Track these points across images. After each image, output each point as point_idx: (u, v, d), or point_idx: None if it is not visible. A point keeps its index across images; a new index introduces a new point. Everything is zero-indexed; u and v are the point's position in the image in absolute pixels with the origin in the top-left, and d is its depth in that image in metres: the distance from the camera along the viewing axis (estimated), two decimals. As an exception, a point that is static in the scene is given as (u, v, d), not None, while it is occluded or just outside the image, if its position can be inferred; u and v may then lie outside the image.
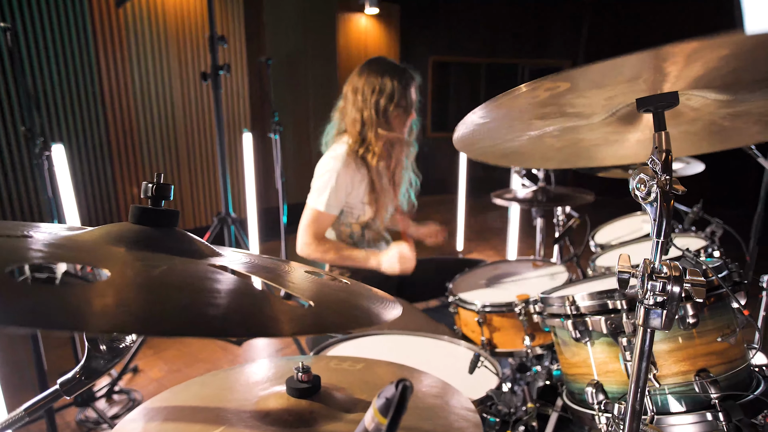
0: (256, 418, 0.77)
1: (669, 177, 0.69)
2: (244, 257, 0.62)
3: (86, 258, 0.42)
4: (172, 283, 0.39)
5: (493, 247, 5.37)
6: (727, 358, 0.99)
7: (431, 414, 0.81)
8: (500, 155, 1.01)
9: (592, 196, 2.25)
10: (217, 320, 0.36)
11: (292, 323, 0.37)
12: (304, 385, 0.79)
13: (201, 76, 2.77)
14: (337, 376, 0.93)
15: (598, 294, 1.05)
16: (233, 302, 0.38)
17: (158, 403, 0.84)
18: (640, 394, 0.73)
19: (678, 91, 0.74)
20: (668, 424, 0.96)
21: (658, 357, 0.98)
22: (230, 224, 2.97)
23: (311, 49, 6.29)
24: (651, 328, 0.70)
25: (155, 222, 0.52)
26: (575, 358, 1.14)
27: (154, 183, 0.52)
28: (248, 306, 0.38)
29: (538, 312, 1.24)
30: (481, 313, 1.58)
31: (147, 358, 3.02)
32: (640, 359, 0.72)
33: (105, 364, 0.49)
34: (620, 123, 0.89)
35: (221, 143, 2.88)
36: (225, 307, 0.38)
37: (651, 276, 0.68)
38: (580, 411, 1.11)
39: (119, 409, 2.48)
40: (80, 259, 0.42)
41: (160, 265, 0.42)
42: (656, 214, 0.70)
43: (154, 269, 0.40)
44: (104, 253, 0.44)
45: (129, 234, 0.48)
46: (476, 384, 1.24)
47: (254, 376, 0.95)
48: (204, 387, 0.91)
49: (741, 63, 0.63)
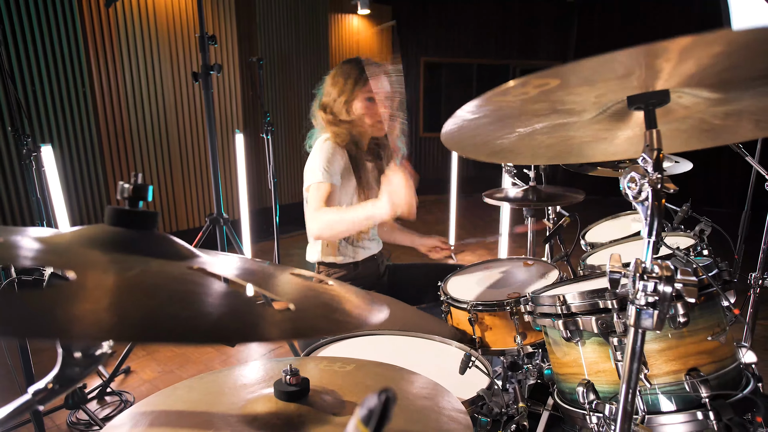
0: (244, 423, 0.76)
1: (660, 175, 0.68)
2: (228, 260, 0.60)
3: (58, 261, 0.40)
4: (148, 286, 0.37)
5: (485, 246, 5.38)
6: (717, 357, 0.99)
7: (422, 416, 0.80)
8: (490, 152, 1.00)
9: (582, 195, 2.25)
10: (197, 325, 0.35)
11: (273, 328, 0.36)
12: (292, 388, 0.78)
13: (192, 76, 2.75)
14: (326, 378, 0.92)
15: (589, 293, 1.05)
16: (212, 306, 0.37)
17: (145, 407, 0.83)
18: (632, 395, 0.73)
19: (669, 89, 0.73)
20: (659, 424, 0.96)
21: (648, 356, 0.98)
22: (222, 225, 2.95)
23: (303, 49, 6.28)
24: (642, 328, 0.69)
25: (132, 224, 0.50)
26: (566, 358, 1.13)
27: (131, 183, 0.50)
28: (228, 310, 0.37)
29: (529, 311, 1.24)
30: (473, 311, 1.57)
31: (139, 359, 2.99)
32: (631, 359, 0.72)
33: (80, 371, 0.47)
34: (611, 120, 0.89)
35: (213, 144, 2.85)
36: (204, 311, 0.37)
37: (642, 276, 0.67)
38: (571, 410, 1.11)
39: (111, 410, 2.45)
40: (52, 261, 0.40)
41: (135, 267, 0.40)
42: (647, 213, 0.69)
43: (127, 272, 0.38)
44: (77, 256, 0.42)
45: (104, 236, 0.47)
46: (467, 383, 1.23)
47: (242, 379, 0.94)
48: (191, 391, 0.89)
49: (733, 61, 0.62)
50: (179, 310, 0.34)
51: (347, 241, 2.00)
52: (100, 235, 0.47)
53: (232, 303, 0.38)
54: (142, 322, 0.32)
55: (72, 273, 0.35)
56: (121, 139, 4.60)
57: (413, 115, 8.37)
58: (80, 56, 4.23)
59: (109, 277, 0.39)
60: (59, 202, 2.57)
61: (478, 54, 8.51)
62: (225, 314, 0.36)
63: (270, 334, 0.35)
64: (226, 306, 0.38)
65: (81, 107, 4.30)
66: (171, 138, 4.97)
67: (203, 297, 0.39)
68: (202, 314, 0.35)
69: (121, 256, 0.44)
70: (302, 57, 6.28)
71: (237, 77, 5.40)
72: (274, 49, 5.91)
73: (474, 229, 6.12)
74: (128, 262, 0.43)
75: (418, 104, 8.46)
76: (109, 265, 0.41)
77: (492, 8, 8.31)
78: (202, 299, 0.39)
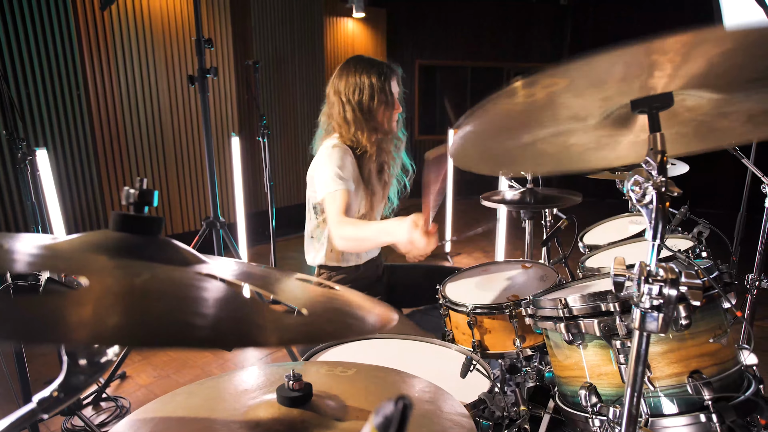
0: (246, 429, 0.75)
1: (664, 179, 0.68)
2: (233, 265, 0.60)
3: (64, 266, 0.40)
4: (155, 292, 0.37)
5: (481, 249, 5.38)
6: (719, 359, 0.99)
7: (425, 420, 0.80)
8: (491, 165, 1.00)
9: (580, 197, 2.26)
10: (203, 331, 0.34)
11: (283, 333, 0.36)
12: (295, 393, 0.77)
13: (188, 80, 2.74)
14: (328, 383, 0.91)
15: (591, 296, 1.05)
16: (221, 311, 0.36)
17: (144, 414, 0.82)
18: (637, 399, 0.73)
19: (672, 92, 0.73)
20: (662, 426, 0.96)
21: (651, 359, 0.98)
22: (219, 229, 2.94)
23: (298, 52, 6.27)
24: (647, 331, 0.69)
25: (138, 229, 0.49)
26: (568, 361, 1.13)
27: (137, 188, 0.50)
28: (237, 315, 0.37)
29: (530, 315, 1.24)
30: (472, 314, 1.57)
31: (135, 364, 2.97)
32: (636, 362, 0.72)
33: (85, 379, 0.46)
34: (613, 126, 0.89)
35: (209, 147, 2.85)
36: (213, 316, 0.36)
37: (647, 279, 0.67)
38: (573, 413, 1.11)
39: (107, 416, 2.43)
40: (58, 267, 0.40)
41: (143, 273, 0.40)
42: (652, 216, 0.69)
43: (136, 278, 0.38)
44: (83, 262, 0.42)
45: (110, 242, 0.46)
46: (467, 387, 1.23)
47: (243, 385, 0.93)
48: (191, 397, 0.88)
49: (737, 60, 0.62)
50: (192, 316, 0.34)
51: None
52: (106, 241, 0.46)
53: (246, 308, 0.38)
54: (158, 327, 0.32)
55: (84, 279, 0.35)
56: (116, 142, 4.57)
57: (409, 118, 8.40)
58: (75, 59, 4.20)
59: (118, 282, 0.38)
60: (54, 206, 2.55)
61: (472, 57, 8.55)
62: (239, 319, 0.35)
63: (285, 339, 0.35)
64: (239, 311, 0.37)
65: (75, 110, 4.27)
66: (166, 141, 4.95)
67: (216, 302, 0.39)
68: (218, 320, 0.35)
69: (128, 262, 0.44)
70: (297, 60, 6.28)
71: (232, 80, 5.38)
72: (269, 52, 5.91)
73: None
74: (135, 267, 0.42)
75: (413, 107, 8.48)
76: (115, 271, 0.41)
77: (486, 11, 8.35)
78: (215, 304, 0.38)
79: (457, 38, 8.41)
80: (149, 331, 0.31)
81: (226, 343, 0.32)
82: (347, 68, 1.92)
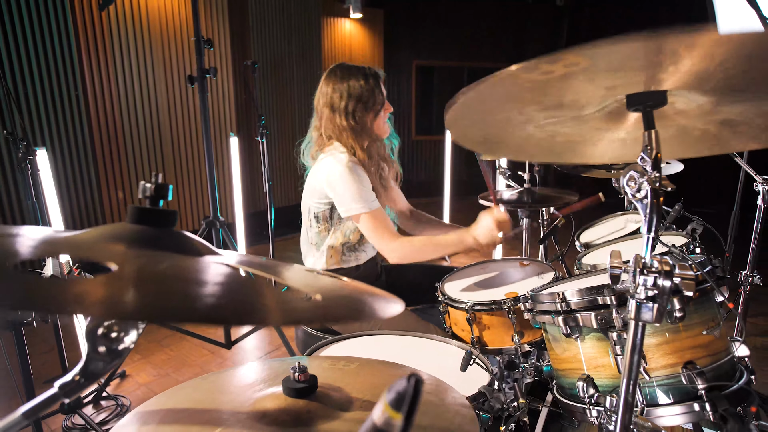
0: (254, 419, 0.77)
1: (658, 174, 0.71)
2: (244, 257, 0.62)
3: (89, 254, 0.42)
4: (180, 276, 0.39)
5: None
6: (712, 350, 1.01)
7: (428, 410, 0.82)
8: (478, 139, 1.00)
9: (576, 196, 2.29)
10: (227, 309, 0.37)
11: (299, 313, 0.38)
12: (301, 384, 0.80)
13: (187, 80, 2.75)
14: (332, 376, 0.93)
15: (588, 290, 1.07)
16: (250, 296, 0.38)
17: (150, 407, 0.84)
18: (632, 386, 0.75)
19: (667, 91, 0.76)
20: (657, 416, 0.98)
21: (646, 350, 1.00)
22: (218, 228, 2.95)
23: (296, 52, 6.29)
24: (642, 321, 0.71)
25: (154, 222, 0.51)
26: (565, 354, 1.16)
27: (153, 182, 0.52)
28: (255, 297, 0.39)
29: (529, 309, 1.26)
30: (471, 311, 1.59)
31: (134, 363, 2.98)
32: (632, 352, 0.74)
33: (104, 366, 0.48)
34: (602, 120, 0.90)
35: (208, 147, 2.86)
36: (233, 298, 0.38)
37: (642, 271, 0.69)
38: (571, 405, 1.13)
39: (107, 415, 2.44)
40: (83, 254, 0.42)
41: (164, 260, 0.42)
42: (647, 210, 0.72)
43: (158, 264, 0.40)
44: (106, 250, 0.44)
45: (128, 233, 0.48)
46: (467, 381, 1.25)
47: (246, 379, 0.95)
48: (196, 390, 0.90)
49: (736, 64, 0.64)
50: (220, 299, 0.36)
51: (350, 249, 1.99)
52: (124, 233, 0.48)
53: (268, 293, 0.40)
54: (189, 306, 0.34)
55: (113, 264, 0.37)
56: (114, 142, 4.58)
57: (406, 119, 8.42)
58: (73, 59, 4.21)
59: (143, 268, 0.40)
60: (53, 205, 2.56)
61: (468, 58, 8.57)
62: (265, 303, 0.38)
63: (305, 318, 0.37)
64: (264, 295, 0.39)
65: (74, 110, 4.28)
66: (164, 141, 4.95)
67: (240, 287, 0.41)
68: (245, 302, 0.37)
69: (146, 252, 0.46)
70: (295, 60, 6.29)
71: (230, 80, 5.40)
72: (267, 53, 5.92)
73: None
74: (155, 256, 0.44)
75: (410, 108, 8.50)
76: (137, 259, 0.43)
77: (484, 12, 8.38)
78: (240, 289, 0.40)
79: (455, 39, 8.43)
80: (173, 309, 0.34)
81: (252, 319, 0.34)
82: (333, 77, 1.90)
